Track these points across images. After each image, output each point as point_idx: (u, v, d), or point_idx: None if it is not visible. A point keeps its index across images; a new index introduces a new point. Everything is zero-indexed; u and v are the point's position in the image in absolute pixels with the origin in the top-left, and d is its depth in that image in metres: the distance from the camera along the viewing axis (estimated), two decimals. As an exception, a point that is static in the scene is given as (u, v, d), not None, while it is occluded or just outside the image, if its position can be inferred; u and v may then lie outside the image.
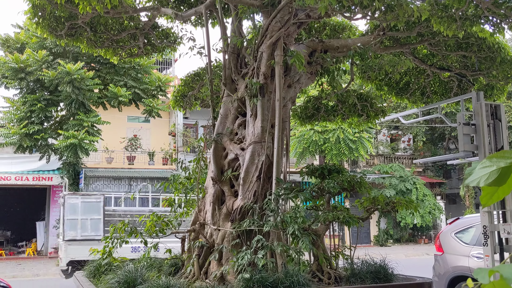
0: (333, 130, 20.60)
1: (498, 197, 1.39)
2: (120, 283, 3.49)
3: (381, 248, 20.95)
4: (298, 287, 3.58)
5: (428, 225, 26.57)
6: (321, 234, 4.47)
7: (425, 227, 26.91)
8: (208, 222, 4.72)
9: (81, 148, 16.70)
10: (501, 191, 1.37)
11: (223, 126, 5.05)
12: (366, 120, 6.64)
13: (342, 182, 4.50)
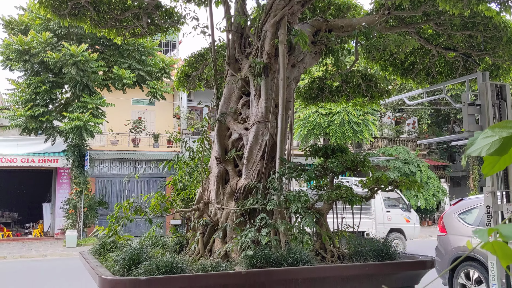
0: (337, 113, 20.55)
1: (500, 167, 1.39)
2: (125, 260, 3.54)
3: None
4: (301, 264, 3.61)
5: (432, 208, 26.62)
6: (324, 213, 4.50)
7: (429, 210, 26.98)
8: (212, 201, 4.76)
9: (86, 130, 16.77)
10: (503, 161, 1.38)
11: (226, 106, 5.05)
12: (370, 101, 6.62)
13: (346, 161, 4.51)
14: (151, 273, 3.29)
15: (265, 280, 3.41)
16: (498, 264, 5.23)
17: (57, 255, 15.73)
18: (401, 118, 29.91)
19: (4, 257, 15.23)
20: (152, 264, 3.37)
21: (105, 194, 21.80)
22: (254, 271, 3.43)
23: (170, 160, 5.50)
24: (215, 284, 3.27)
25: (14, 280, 10.94)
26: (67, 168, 20.58)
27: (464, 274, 7.46)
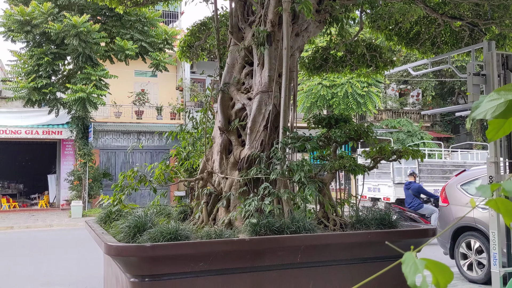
0: (341, 85, 20.43)
1: (505, 131, 1.39)
2: (130, 227, 3.58)
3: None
4: (304, 232, 3.66)
5: (435, 180, 26.63)
6: (327, 182, 4.52)
7: (431, 182, 27.00)
8: (216, 171, 4.78)
9: (90, 102, 16.75)
10: (508, 125, 1.37)
11: (230, 76, 5.02)
12: (375, 71, 6.56)
13: (349, 131, 4.50)
14: (156, 240, 3.34)
15: (268, 247, 3.46)
16: (499, 234, 5.28)
17: (63, 225, 15.95)
18: (405, 90, 29.73)
19: (11, 227, 15.46)
20: (157, 232, 3.42)
21: (109, 166, 21.93)
22: (257, 239, 3.47)
23: (174, 128, 5.51)
24: (219, 251, 3.32)
25: (22, 249, 11.13)
26: (71, 140, 20.66)
27: (465, 244, 7.54)
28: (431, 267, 0.85)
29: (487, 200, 0.92)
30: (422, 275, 0.84)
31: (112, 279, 4.34)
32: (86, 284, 7.64)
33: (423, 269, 0.83)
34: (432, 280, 0.87)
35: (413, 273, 0.83)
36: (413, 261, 0.85)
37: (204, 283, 3.30)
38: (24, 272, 8.60)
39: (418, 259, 0.85)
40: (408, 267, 0.84)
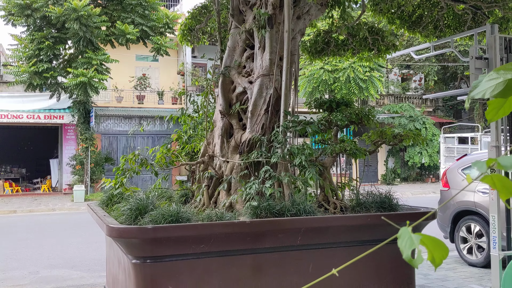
0: (343, 69, 20.35)
1: (504, 112, 1.39)
2: (132, 210, 3.61)
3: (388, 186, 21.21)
4: (304, 214, 3.68)
5: (436, 165, 26.71)
6: (328, 166, 4.53)
7: (432, 166, 27.09)
8: (217, 154, 4.79)
9: (91, 86, 16.73)
10: (507, 105, 1.37)
11: (231, 59, 5.00)
12: (377, 55, 6.53)
13: (350, 114, 4.50)
14: (157, 222, 3.37)
15: (269, 230, 3.49)
16: (499, 217, 5.30)
17: (66, 209, 16.06)
18: (408, 75, 29.59)
19: (14, 211, 15.56)
20: (158, 214, 3.44)
21: (111, 150, 21.98)
22: (258, 221, 3.50)
23: (175, 112, 5.51)
24: (220, 233, 3.34)
25: (25, 233, 11.22)
26: (72, 124, 20.68)
27: (465, 228, 7.58)
28: (427, 242, 0.86)
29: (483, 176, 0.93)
30: (417, 250, 0.85)
31: (114, 261, 4.38)
32: (89, 266, 7.72)
33: (418, 243, 0.84)
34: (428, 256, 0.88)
35: (409, 247, 0.84)
36: (409, 235, 0.86)
37: (205, 264, 3.33)
38: (27, 254, 8.69)
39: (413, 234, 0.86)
40: (404, 241, 0.85)
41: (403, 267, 4.00)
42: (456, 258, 7.82)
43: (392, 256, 3.96)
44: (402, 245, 0.85)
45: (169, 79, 24.14)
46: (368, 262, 3.86)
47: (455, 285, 6.20)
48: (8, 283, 6.75)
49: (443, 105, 29.65)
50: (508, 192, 0.90)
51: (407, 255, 0.85)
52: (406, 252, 0.85)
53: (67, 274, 7.27)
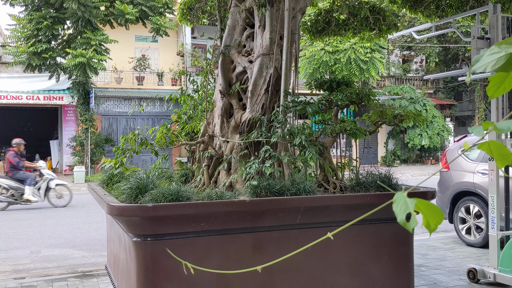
0: (344, 51, 20.22)
1: (505, 88, 1.38)
2: (132, 189, 3.62)
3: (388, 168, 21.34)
4: (304, 194, 3.69)
5: (436, 147, 26.75)
6: (328, 146, 4.53)
7: (432, 148, 27.12)
8: (217, 134, 4.79)
9: (90, 67, 16.64)
10: (508, 82, 1.36)
11: (230, 38, 4.95)
12: (378, 35, 6.47)
13: (351, 94, 4.48)
14: (157, 201, 3.38)
15: (268, 208, 3.50)
16: (498, 198, 5.32)
17: (66, 190, 16.10)
18: (409, 56, 29.42)
19: (15, 192, 15.60)
20: (158, 193, 3.45)
21: (111, 131, 21.99)
22: (257, 200, 3.51)
23: (175, 93, 5.48)
24: (220, 212, 3.36)
25: (26, 213, 11.28)
26: (72, 105, 20.64)
27: (464, 209, 7.62)
28: (422, 207, 0.86)
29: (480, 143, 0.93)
30: (412, 213, 0.86)
31: (115, 240, 4.42)
32: (90, 246, 7.78)
33: (413, 207, 0.84)
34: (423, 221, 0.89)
35: (403, 211, 0.85)
36: (404, 200, 0.86)
37: (206, 242, 3.36)
38: (28, 234, 8.76)
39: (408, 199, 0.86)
40: (399, 206, 0.86)
41: (401, 246, 4.03)
42: (455, 239, 7.88)
43: (391, 236, 3.99)
44: (397, 209, 0.85)
45: (169, 60, 24.01)
46: (367, 241, 3.89)
47: (453, 265, 6.25)
48: (10, 262, 6.81)
49: (443, 87, 29.54)
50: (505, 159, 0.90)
51: (401, 219, 0.86)
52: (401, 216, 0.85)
53: (69, 253, 7.34)
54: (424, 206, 0.86)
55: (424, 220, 0.88)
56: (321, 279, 3.72)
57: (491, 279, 5.31)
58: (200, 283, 3.34)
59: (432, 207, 0.87)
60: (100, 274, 5.87)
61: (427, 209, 0.86)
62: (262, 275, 3.53)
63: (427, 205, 0.86)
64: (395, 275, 3.99)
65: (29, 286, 5.41)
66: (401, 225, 0.87)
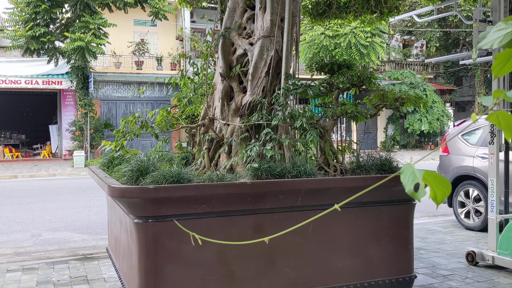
0: (344, 35, 20.10)
1: (510, 67, 1.37)
2: (133, 171, 3.62)
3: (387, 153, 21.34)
4: (304, 176, 3.69)
5: (436, 132, 26.74)
6: (329, 129, 4.52)
7: (432, 134, 27.12)
8: (217, 117, 4.78)
9: (89, 51, 16.55)
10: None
11: (231, 21, 4.91)
12: (379, 18, 6.43)
13: (352, 77, 4.46)
14: (158, 183, 3.38)
15: (269, 191, 3.50)
16: (497, 181, 5.34)
17: (66, 174, 16.15)
18: (409, 41, 29.26)
19: (15, 176, 15.65)
20: (159, 175, 3.45)
21: (110, 116, 21.95)
22: (258, 182, 3.51)
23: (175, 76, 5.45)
24: (221, 194, 3.36)
25: (26, 197, 11.31)
26: (71, 90, 20.57)
27: (464, 192, 7.65)
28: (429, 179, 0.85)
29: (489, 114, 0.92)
30: (420, 183, 0.85)
31: (116, 222, 4.43)
32: (90, 229, 7.82)
33: (421, 178, 0.84)
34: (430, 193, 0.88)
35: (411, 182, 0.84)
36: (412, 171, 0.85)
37: (207, 224, 3.37)
38: (29, 218, 8.79)
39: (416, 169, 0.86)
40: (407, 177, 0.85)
41: (401, 228, 4.05)
42: (454, 222, 7.92)
43: (391, 218, 4.00)
44: (405, 180, 0.85)
45: (168, 45, 23.87)
46: (367, 223, 3.90)
47: (452, 248, 6.30)
48: (11, 245, 6.85)
49: (444, 72, 29.44)
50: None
51: (409, 189, 0.85)
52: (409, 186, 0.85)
53: (69, 236, 7.37)
54: (432, 177, 0.85)
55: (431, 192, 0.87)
56: (321, 260, 3.74)
57: (489, 261, 5.35)
58: (202, 264, 3.37)
59: (440, 179, 0.86)
60: (101, 257, 5.90)
61: (435, 180, 0.86)
62: (262, 256, 3.55)
63: (434, 177, 0.85)
64: (394, 257, 4.01)
65: (31, 268, 5.45)
66: (409, 195, 0.86)
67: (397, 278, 4.00)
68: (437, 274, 5.19)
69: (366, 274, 3.89)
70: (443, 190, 0.86)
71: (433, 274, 5.17)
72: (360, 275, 3.87)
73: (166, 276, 3.31)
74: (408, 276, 4.05)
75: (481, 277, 5.07)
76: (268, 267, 3.59)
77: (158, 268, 3.30)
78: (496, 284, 4.84)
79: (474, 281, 4.94)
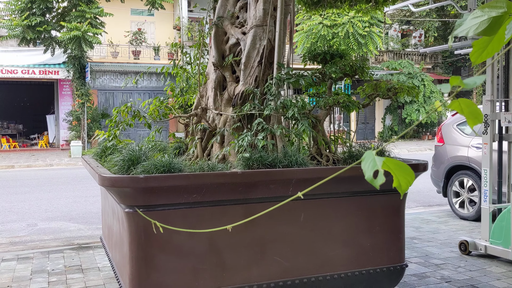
0: (342, 24, 20.02)
1: (488, 53, 1.37)
2: (125, 161, 3.62)
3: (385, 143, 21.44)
4: (296, 166, 3.70)
5: (433, 122, 26.75)
6: (322, 119, 4.52)
7: (429, 124, 27.13)
8: (210, 107, 4.77)
9: (85, 40, 16.47)
10: (491, 47, 1.35)
11: (224, 9, 4.89)
12: (374, 7, 6.39)
13: (344, 66, 4.44)
14: (149, 172, 3.39)
15: (260, 180, 3.51)
16: (491, 171, 5.35)
17: (63, 165, 16.15)
18: (408, 31, 29.16)
19: (12, 166, 15.65)
20: (150, 165, 3.46)
21: (107, 106, 21.91)
22: (249, 172, 3.52)
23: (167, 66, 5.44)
24: (212, 183, 3.37)
25: (23, 187, 11.32)
26: (68, 80, 20.51)
27: (458, 182, 7.67)
28: (391, 166, 0.85)
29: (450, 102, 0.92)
30: (380, 170, 0.85)
31: (109, 212, 4.45)
32: (86, 219, 7.84)
33: (381, 165, 0.84)
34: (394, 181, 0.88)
35: (371, 168, 0.84)
36: (372, 158, 0.85)
37: (198, 213, 3.38)
38: (25, 208, 8.80)
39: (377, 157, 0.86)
40: (367, 163, 0.85)
41: (393, 217, 4.07)
42: (449, 212, 7.95)
43: (382, 207, 4.02)
44: (365, 166, 0.85)
45: (165, 34, 23.76)
46: (359, 212, 3.92)
47: (445, 237, 6.33)
48: (7, 235, 6.87)
49: (442, 62, 29.38)
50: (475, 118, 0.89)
51: (369, 176, 0.85)
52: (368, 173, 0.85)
53: (65, 226, 7.39)
54: (394, 165, 0.85)
55: (395, 181, 0.87)
56: (313, 249, 3.76)
57: (482, 251, 5.38)
58: (192, 253, 3.38)
59: (403, 166, 0.86)
60: (96, 246, 5.92)
61: (397, 168, 0.86)
62: (254, 246, 3.56)
63: (397, 164, 0.85)
64: (386, 246, 4.03)
65: (26, 258, 5.47)
66: (369, 182, 0.86)
67: (388, 267, 4.02)
68: (429, 263, 5.22)
69: (358, 263, 3.92)
70: (407, 178, 0.86)
71: (426, 263, 5.20)
72: (352, 264, 3.90)
73: (157, 265, 3.33)
74: (399, 265, 4.08)
75: (473, 266, 5.11)
76: (260, 256, 3.61)
77: (149, 257, 3.31)
78: (488, 273, 4.88)
79: (466, 270, 4.97)
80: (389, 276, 4.06)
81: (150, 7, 17.73)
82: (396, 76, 24.95)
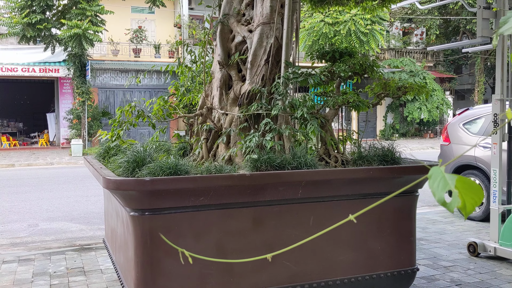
0: (344, 22, 19.91)
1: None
2: (129, 162, 3.52)
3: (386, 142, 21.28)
4: (305, 168, 3.60)
5: (435, 120, 26.66)
6: (330, 119, 4.42)
7: (431, 122, 27.03)
8: (216, 106, 4.66)
9: (86, 38, 16.36)
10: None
11: (229, 7, 4.78)
12: (381, 4, 6.28)
13: (354, 65, 4.34)
14: (155, 174, 3.28)
15: (269, 182, 3.41)
16: (500, 172, 5.26)
17: (64, 163, 16.05)
18: (409, 29, 29.03)
19: (12, 164, 15.55)
20: (156, 166, 3.35)
21: (108, 104, 21.80)
22: (258, 174, 3.41)
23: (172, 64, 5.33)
24: (219, 186, 3.27)
25: (24, 186, 11.22)
26: (68, 78, 20.39)
27: (465, 182, 7.57)
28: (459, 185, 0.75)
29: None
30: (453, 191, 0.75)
31: (112, 214, 4.34)
32: (88, 219, 7.74)
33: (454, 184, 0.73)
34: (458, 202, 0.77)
35: (442, 189, 0.74)
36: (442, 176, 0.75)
37: (205, 217, 3.28)
38: (26, 207, 8.70)
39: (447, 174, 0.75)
40: (436, 182, 0.74)
41: (404, 221, 3.97)
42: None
43: (393, 210, 3.92)
44: (434, 186, 0.74)
45: (166, 32, 23.64)
46: (369, 215, 3.82)
47: (453, 238, 6.23)
48: (8, 235, 6.77)
49: (444, 60, 29.27)
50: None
51: (440, 197, 0.75)
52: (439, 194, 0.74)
53: (66, 226, 7.30)
54: (462, 183, 0.75)
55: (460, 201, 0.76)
56: (322, 253, 3.66)
57: (491, 252, 5.29)
58: (199, 258, 3.28)
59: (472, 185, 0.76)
60: (98, 248, 5.83)
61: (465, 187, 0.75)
62: (262, 250, 3.46)
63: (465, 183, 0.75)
64: (396, 249, 3.93)
65: (27, 260, 5.37)
66: (441, 204, 0.76)
67: (399, 271, 3.93)
68: (438, 265, 5.12)
69: (368, 267, 3.82)
70: (474, 199, 0.76)
71: (435, 266, 5.11)
72: (362, 268, 3.80)
73: (164, 269, 3.23)
74: (410, 269, 3.98)
75: (483, 268, 5.01)
76: (268, 260, 3.51)
77: (155, 262, 3.21)
78: (498, 275, 4.78)
79: (476, 272, 4.88)
80: (399, 280, 3.96)
81: (151, 4, 17.62)
82: (398, 74, 24.84)
